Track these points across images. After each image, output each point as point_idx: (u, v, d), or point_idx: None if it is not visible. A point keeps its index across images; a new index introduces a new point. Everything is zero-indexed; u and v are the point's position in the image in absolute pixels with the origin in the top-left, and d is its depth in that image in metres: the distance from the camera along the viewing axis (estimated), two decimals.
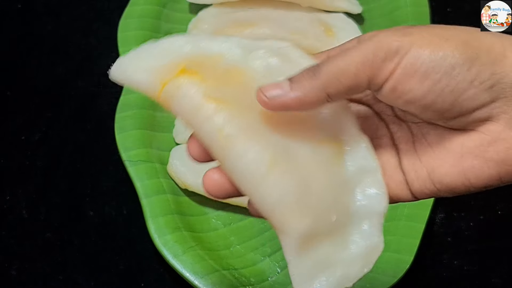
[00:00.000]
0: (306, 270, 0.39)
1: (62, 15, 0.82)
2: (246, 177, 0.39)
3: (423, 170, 0.40)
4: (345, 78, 0.37)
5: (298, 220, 0.39)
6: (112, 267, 0.64)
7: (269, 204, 0.39)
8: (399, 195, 0.41)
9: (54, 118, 0.73)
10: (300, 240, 0.39)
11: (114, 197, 0.68)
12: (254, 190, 0.39)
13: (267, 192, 0.38)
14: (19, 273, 0.63)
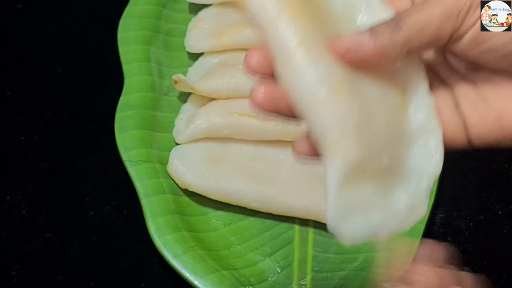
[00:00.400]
0: (344, 206, 0.37)
1: (62, 15, 0.82)
2: (308, 93, 0.37)
3: (491, 113, 0.39)
4: (428, 32, 0.36)
5: (353, 146, 0.36)
6: (112, 267, 0.64)
7: (327, 125, 0.37)
8: (453, 139, 0.40)
9: (54, 118, 0.73)
10: (348, 169, 0.37)
11: (114, 197, 0.68)
12: (313, 109, 0.37)
13: (327, 112, 0.37)
14: (19, 273, 0.63)
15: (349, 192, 0.37)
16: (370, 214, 0.38)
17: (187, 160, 0.67)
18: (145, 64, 0.74)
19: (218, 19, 0.75)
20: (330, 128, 0.37)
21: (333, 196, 0.37)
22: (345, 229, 0.38)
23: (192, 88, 0.70)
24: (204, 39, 0.74)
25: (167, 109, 0.72)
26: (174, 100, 0.73)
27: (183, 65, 0.75)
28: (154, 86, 0.72)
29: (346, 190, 0.37)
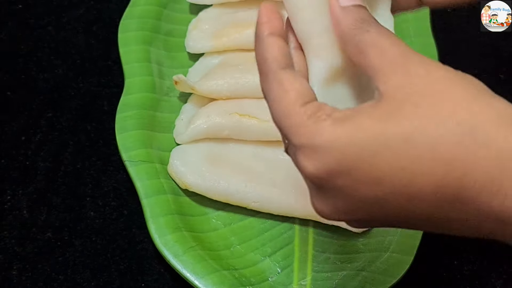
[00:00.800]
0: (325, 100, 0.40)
1: (62, 15, 0.82)
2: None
3: None
4: None
5: (334, 52, 0.42)
6: (112, 267, 0.64)
7: (315, 31, 0.42)
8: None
9: (55, 118, 0.73)
10: (329, 70, 0.42)
11: (115, 197, 0.68)
12: (304, 14, 0.43)
13: (318, 20, 0.42)
14: (19, 273, 0.63)
15: (329, 89, 0.42)
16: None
17: (187, 160, 0.67)
18: (145, 65, 0.74)
19: (219, 20, 0.75)
20: (318, 33, 0.42)
21: (315, 89, 0.41)
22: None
23: (193, 89, 0.70)
24: (205, 40, 0.74)
25: (167, 110, 0.72)
26: (175, 100, 0.73)
27: (184, 66, 0.75)
28: (155, 86, 0.73)
29: (328, 87, 0.42)
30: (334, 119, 0.37)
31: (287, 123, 0.39)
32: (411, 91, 0.37)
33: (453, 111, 0.36)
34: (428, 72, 0.37)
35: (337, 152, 0.37)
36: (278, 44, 0.42)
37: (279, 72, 0.41)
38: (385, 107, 0.37)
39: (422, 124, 0.36)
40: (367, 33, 0.40)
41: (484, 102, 0.36)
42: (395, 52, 0.39)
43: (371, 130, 0.36)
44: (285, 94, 0.40)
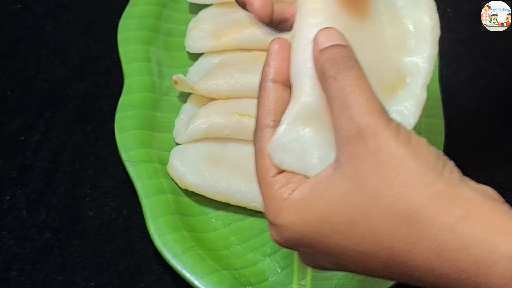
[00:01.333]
0: (287, 139, 0.43)
1: (61, 15, 0.82)
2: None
3: None
4: None
5: (311, 96, 0.43)
6: (111, 268, 0.64)
7: (302, 74, 0.43)
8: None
9: (54, 118, 0.73)
10: (301, 112, 0.43)
11: (114, 197, 0.68)
12: (294, 58, 0.44)
13: (305, 65, 0.43)
14: (18, 274, 0.63)
15: (297, 131, 0.42)
16: (309, 155, 0.42)
17: (187, 160, 0.67)
18: (145, 64, 0.74)
19: (218, 19, 0.75)
20: (303, 76, 0.43)
21: (282, 127, 0.43)
22: (279, 157, 0.43)
23: (192, 88, 0.70)
24: (204, 39, 0.74)
25: (167, 109, 0.72)
26: (174, 100, 0.73)
27: (183, 65, 0.75)
28: (154, 86, 0.72)
29: (295, 128, 0.42)
30: (291, 201, 0.41)
31: (261, 191, 0.43)
32: (359, 171, 0.39)
33: (392, 201, 0.38)
34: (378, 148, 0.38)
35: (295, 234, 0.41)
36: (276, 95, 0.44)
37: (265, 131, 0.43)
38: (336, 185, 0.39)
39: (365, 212, 0.38)
40: (334, 81, 0.40)
41: (424, 188, 0.38)
42: (353, 112, 0.39)
43: (322, 215, 0.40)
44: (262, 158, 0.43)
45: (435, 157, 0.39)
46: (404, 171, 0.38)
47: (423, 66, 0.45)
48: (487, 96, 0.75)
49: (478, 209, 0.38)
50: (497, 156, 0.70)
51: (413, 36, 0.46)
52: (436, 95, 0.72)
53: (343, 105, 0.39)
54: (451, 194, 0.38)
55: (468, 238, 0.36)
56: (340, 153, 0.40)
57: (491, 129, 0.73)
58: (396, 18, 0.46)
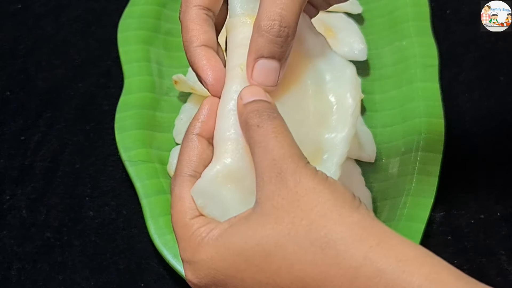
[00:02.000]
0: (206, 193, 0.44)
1: (61, 15, 0.82)
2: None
3: None
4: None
5: (231, 159, 0.45)
6: (112, 267, 0.64)
7: (223, 138, 0.45)
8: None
9: (54, 118, 0.73)
10: (220, 174, 0.44)
11: (114, 197, 0.68)
12: (219, 120, 0.46)
13: (227, 129, 0.45)
14: (19, 273, 0.63)
15: (218, 186, 0.44)
16: (228, 209, 0.44)
17: None
18: (145, 64, 0.74)
19: None
20: (225, 140, 0.45)
21: (205, 177, 0.44)
22: (201, 201, 0.44)
23: (192, 88, 0.70)
24: None
25: (167, 109, 0.72)
26: (174, 100, 0.73)
27: (183, 65, 0.75)
28: (154, 86, 0.72)
29: (216, 183, 0.44)
30: (210, 237, 0.42)
31: (178, 233, 0.44)
32: (278, 205, 0.40)
33: (309, 229, 0.39)
34: (296, 183, 0.40)
35: (211, 269, 0.41)
36: (200, 149, 0.46)
37: (186, 179, 0.45)
38: (254, 219, 0.41)
39: (280, 242, 0.39)
40: (257, 129, 0.42)
41: (340, 218, 0.39)
42: (275, 155, 0.41)
43: (237, 247, 0.40)
44: (180, 202, 0.45)
45: (351, 196, 0.41)
46: (321, 203, 0.40)
47: (340, 146, 0.47)
48: (487, 96, 0.75)
49: (391, 240, 0.39)
50: (497, 156, 0.70)
51: (335, 113, 0.47)
52: (436, 95, 0.72)
53: (266, 149, 0.41)
54: (366, 225, 0.39)
55: (381, 265, 0.37)
56: (260, 193, 0.41)
57: (491, 129, 0.73)
58: (321, 92, 0.48)
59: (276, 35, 0.44)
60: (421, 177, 0.66)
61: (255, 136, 0.42)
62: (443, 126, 0.70)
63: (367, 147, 0.70)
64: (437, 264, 0.38)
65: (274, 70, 0.45)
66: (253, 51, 0.45)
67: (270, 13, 0.43)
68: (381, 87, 0.75)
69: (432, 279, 0.37)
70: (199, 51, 0.46)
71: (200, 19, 0.47)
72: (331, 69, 0.48)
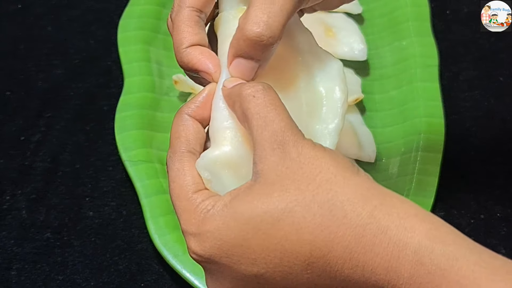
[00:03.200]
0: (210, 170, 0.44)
1: (61, 15, 0.82)
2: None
3: None
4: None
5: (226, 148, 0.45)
6: (112, 267, 0.64)
7: (219, 127, 0.45)
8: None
9: (54, 118, 0.73)
10: (216, 160, 0.44)
11: (114, 197, 0.68)
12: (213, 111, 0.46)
13: (222, 118, 0.45)
14: (18, 274, 0.63)
15: (216, 169, 0.44)
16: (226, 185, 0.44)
17: None
18: (145, 64, 0.74)
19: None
20: (223, 129, 0.45)
21: (207, 156, 0.44)
22: (207, 175, 0.44)
23: (192, 88, 0.70)
24: None
25: (167, 109, 0.72)
26: (174, 100, 0.73)
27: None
28: (154, 86, 0.72)
29: (215, 167, 0.44)
30: (215, 209, 0.42)
31: (180, 206, 0.44)
32: (282, 174, 0.41)
33: (316, 193, 0.40)
34: (299, 153, 0.41)
35: (217, 240, 0.41)
36: (195, 128, 0.46)
37: (185, 154, 0.45)
38: (258, 189, 0.41)
39: (288, 208, 0.40)
40: (253, 99, 0.42)
41: (344, 181, 0.40)
42: (276, 126, 0.42)
43: (244, 216, 0.41)
44: (183, 176, 0.44)
45: (350, 162, 0.42)
46: (324, 168, 0.41)
47: (329, 137, 0.48)
48: (487, 96, 0.75)
49: (393, 199, 0.40)
50: (497, 156, 0.70)
51: (325, 105, 0.48)
52: (436, 95, 0.72)
53: (265, 121, 0.42)
54: (368, 186, 0.40)
55: (385, 222, 0.39)
56: (262, 165, 0.41)
57: (491, 129, 0.73)
58: (311, 85, 0.48)
59: (257, 42, 0.44)
60: (421, 177, 0.66)
61: (251, 107, 0.42)
62: (443, 126, 0.70)
63: (367, 147, 0.70)
64: (436, 222, 0.40)
65: (251, 69, 0.45)
66: (233, 48, 0.45)
67: (256, 18, 0.43)
68: (381, 87, 0.75)
69: (431, 235, 0.39)
70: (192, 50, 0.46)
71: (192, 20, 0.47)
72: (319, 64, 0.48)
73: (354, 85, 0.73)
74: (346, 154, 0.68)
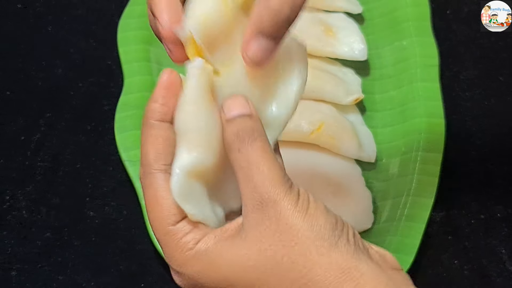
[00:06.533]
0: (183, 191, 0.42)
1: (62, 15, 0.82)
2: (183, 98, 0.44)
3: None
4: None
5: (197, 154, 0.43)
6: (112, 268, 0.64)
7: (186, 129, 0.43)
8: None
9: (54, 118, 0.73)
10: (187, 168, 0.42)
11: (114, 197, 0.68)
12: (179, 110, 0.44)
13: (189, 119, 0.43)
14: (19, 274, 0.63)
15: (190, 182, 0.42)
16: (203, 206, 0.43)
17: None
18: (145, 64, 0.74)
19: None
20: (198, 129, 0.43)
21: (178, 175, 0.42)
22: (184, 205, 0.42)
23: None
24: None
25: None
26: None
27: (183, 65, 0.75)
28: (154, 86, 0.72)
29: (188, 179, 0.42)
30: (196, 251, 0.42)
31: (160, 239, 0.43)
32: (261, 235, 0.41)
33: (290, 268, 0.40)
34: (277, 217, 0.41)
35: (198, 282, 0.42)
36: (164, 136, 0.43)
37: (157, 176, 0.43)
38: (238, 245, 0.41)
39: (264, 277, 0.41)
40: (238, 154, 0.42)
41: (319, 259, 0.40)
42: (255, 182, 0.41)
43: (223, 271, 0.41)
44: (159, 207, 0.43)
45: (331, 227, 0.41)
46: (301, 241, 0.40)
47: (274, 126, 0.46)
48: (487, 96, 0.75)
49: (367, 285, 0.40)
50: (497, 156, 0.70)
51: (282, 84, 0.46)
52: (437, 95, 0.72)
53: (247, 176, 0.42)
54: (343, 266, 0.40)
55: None
56: (245, 219, 0.42)
57: (491, 129, 0.73)
58: (275, 62, 0.46)
59: (282, 17, 0.42)
60: (421, 177, 0.66)
61: (237, 160, 0.42)
62: (444, 126, 0.70)
63: (367, 147, 0.70)
64: None
65: (270, 50, 0.43)
66: (254, 24, 0.43)
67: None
68: (381, 87, 0.75)
69: None
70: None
71: None
72: (284, 48, 0.46)
73: (354, 85, 0.73)
74: (346, 154, 0.68)
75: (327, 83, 0.71)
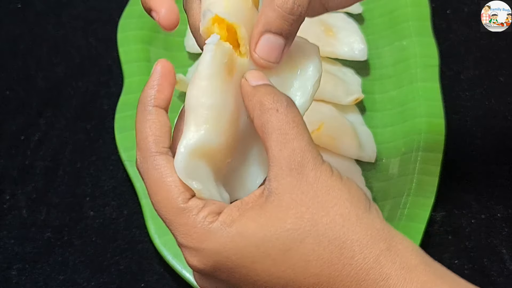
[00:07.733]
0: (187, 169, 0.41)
1: (62, 15, 0.82)
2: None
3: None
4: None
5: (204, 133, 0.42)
6: (112, 267, 0.64)
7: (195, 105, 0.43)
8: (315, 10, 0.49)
9: (54, 118, 0.73)
10: (191, 147, 0.41)
11: (114, 197, 0.68)
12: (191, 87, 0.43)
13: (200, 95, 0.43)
14: (19, 274, 0.63)
15: (193, 162, 0.41)
16: (209, 186, 0.42)
17: None
18: (145, 64, 0.74)
19: None
20: (208, 106, 0.42)
21: (183, 152, 0.41)
22: (191, 183, 0.41)
23: None
24: None
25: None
26: (174, 100, 0.72)
27: (183, 65, 0.75)
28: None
29: (192, 159, 0.41)
30: (221, 223, 0.40)
31: (173, 220, 0.41)
32: (297, 199, 0.40)
33: (328, 228, 0.40)
34: (316, 179, 0.40)
35: (222, 257, 0.40)
36: (162, 121, 0.43)
37: (159, 158, 0.42)
38: (271, 211, 0.40)
39: (300, 238, 0.39)
40: (276, 113, 0.41)
41: (357, 219, 0.40)
42: (296, 145, 0.41)
43: (256, 239, 0.40)
44: (166, 187, 0.41)
45: (364, 195, 0.42)
46: (340, 202, 0.40)
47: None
48: (487, 96, 0.75)
49: (399, 245, 0.40)
50: (498, 156, 0.70)
51: (297, 80, 0.46)
52: (437, 95, 0.72)
53: (286, 138, 0.41)
54: (378, 227, 0.40)
55: (387, 270, 0.39)
56: (277, 183, 0.40)
57: (491, 128, 0.73)
58: (289, 60, 0.46)
59: (288, 12, 0.42)
60: (421, 177, 0.66)
61: (273, 121, 0.41)
62: (444, 126, 0.70)
63: (368, 147, 0.70)
64: (434, 273, 0.40)
65: (278, 46, 0.43)
66: (261, 24, 0.43)
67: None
68: (381, 87, 0.75)
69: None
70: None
71: None
72: (297, 46, 0.46)
73: (354, 85, 0.73)
74: (346, 154, 0.68)
75: (327, 83, 0.71)
